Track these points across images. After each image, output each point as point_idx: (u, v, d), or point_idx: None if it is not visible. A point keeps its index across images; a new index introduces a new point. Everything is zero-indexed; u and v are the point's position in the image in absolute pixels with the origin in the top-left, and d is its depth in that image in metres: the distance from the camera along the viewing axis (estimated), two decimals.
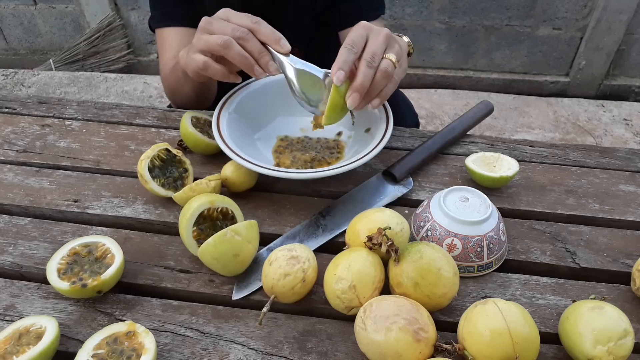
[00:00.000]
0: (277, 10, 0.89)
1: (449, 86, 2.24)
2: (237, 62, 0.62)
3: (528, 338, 0.44)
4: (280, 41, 0.62)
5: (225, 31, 0.61)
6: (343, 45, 0.59)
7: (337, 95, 0.59)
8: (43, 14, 2.35)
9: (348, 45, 0.58)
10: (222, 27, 0.61)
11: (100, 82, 2.23)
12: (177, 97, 0.87)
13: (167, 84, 0.85)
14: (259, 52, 0.62)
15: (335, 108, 0.60)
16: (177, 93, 0.85)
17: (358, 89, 0.58)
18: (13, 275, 0.59)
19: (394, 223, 0.55)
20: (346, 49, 0.58)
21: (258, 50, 0.62)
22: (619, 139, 1.92)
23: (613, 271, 0.59)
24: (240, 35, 0.61)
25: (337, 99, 0.59)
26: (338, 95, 0.59)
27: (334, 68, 0.58)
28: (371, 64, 0.58)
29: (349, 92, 0.59)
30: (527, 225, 0.64)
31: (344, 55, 0.58)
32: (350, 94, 0.59)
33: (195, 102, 0.84)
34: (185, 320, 0.53)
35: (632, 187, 0.70)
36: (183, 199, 0.62)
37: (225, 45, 0.60)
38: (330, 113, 0.61)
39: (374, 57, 0.58)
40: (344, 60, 0.58)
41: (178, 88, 0.82)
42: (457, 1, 2.05)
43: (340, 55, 0.58)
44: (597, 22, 1.99)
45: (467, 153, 0.75)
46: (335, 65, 0.58)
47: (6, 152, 0.75)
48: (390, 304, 0.46)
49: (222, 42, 0.60)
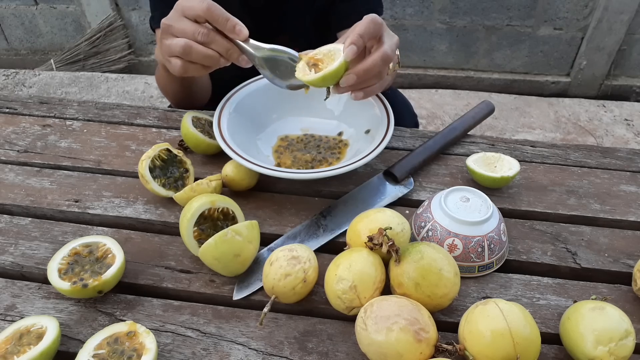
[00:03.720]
0: (276, 11, 0.89)
1: (449, 86, 2.23)
2: (202, 63, 0.61)
3: (529, 338, 0.44)
4: (236, 27, 0.59)
5: (185, 34, 0.59)
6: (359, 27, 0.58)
7: (342, 67, 0.58)
8: (44, 14, 2.35)
9: (364, 29, 0.57)
10: (183, 28, 0.59)
11: (101, 82, 2.23)
12: (167, 95, 0.87)
13: (157, 82, 0.86)
14: (226, 51, 0.61)
15: (331, 77, 0.59)
16: (166, 91, 0.86)
17: (360, 73, 0.58)
18: (14, 275, 0.59)
19: (395, 223, 0.55)
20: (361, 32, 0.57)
21: (225, 49, 0.61)
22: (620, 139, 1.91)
23: (614, 271, 0.59)
24: (202, 39, 0.59)
25: (340, 70, 0.58)
26: (343, 67, 0.58)
27: (348, 41, 0.57)
28: (385, 60, 0.58)
29: (349, 71, 0.58)
30: (528, 225, 0.64)
31: (358, 34, 0.57)
32: (350, 74, 0.58)
33: (186, 99, 0.85)
34: (186, 321, 0.53)
35: (633, 188, 0.70)
36: (184, 199, 0.62)
37: (185, 52, 0.59)
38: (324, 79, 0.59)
39: (388, 56, 0.58)
40: (358, 36, 0.57)
41: (164, 85, 0.83)
42: (458, 1, 2.04)
43: (355, 33, 0.57)
44: (598, 22, 1.99)
45: (468, 153, 0.75)
46: (349, 39, 0.57)
47: (7, 152, 0.75)
48: (391, 304, 0.46)
49: (182, 49, 0.59)
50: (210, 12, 0.58)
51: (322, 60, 0.60)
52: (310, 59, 0.61)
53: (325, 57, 0.60)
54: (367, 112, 0.74)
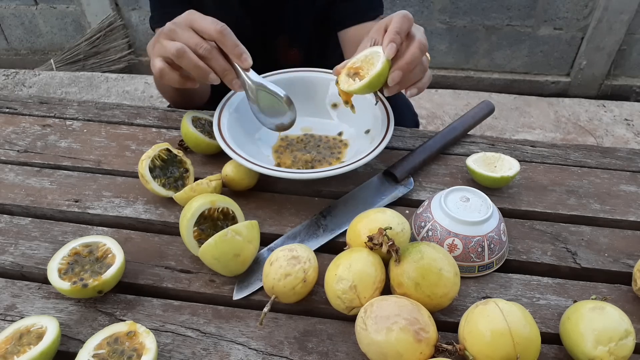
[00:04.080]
0: (276, 10, 0.89)
1: (449, 86, 2.23)
2: (191, 72, 0.61)
3: (529, 338, 0.44)
4: (242, 56, 0.60)
5: (188, 43, 0.59)
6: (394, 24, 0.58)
7: (386, 67, 0.58)
8: (44, 14, 2.35)
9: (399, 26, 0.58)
10: (186, 37, 0.59)
11: (101, 82, 2.23)
12: (164, 96, 0.87)
13: (155, 83, 0.86)
14: (222, 71, 0.61)
15: (378, 80, 0.58)
16: (163, 92, 0.86)
17: (403, 67, 0.58)
18: (14, 275, 0.59)
19: (395, 223, 0.55)
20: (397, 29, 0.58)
21: (222, 69, 0.61)
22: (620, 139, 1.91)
23: (614, 271, 0.59)
24: (203, 52, 0.59)
25: (385, 71, 0.58)
26: (387, 67, 0.58)
27: (386, 40, 0.57)
28: (422, 49, 0.59)
29: (393, 68, 0.58)
30: (528, 225, 0.64)
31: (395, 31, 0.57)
32: (394, 70, 0.58)
33: (182, 101, 0.85)
34: (186, 320, 0.53)
35: (633, 187, 0.70)
36: (184, 199, 0.62)
37: (178, 54, 0.59)
38: (371, 83, 0.59)
39: (423, 44, 0.59)
40: (395, 33, 0.57)
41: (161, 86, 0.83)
42: (458, 1, 2.04)
43: (392, 30, 0.57)
44: (598, 22, 1.99)
45: (468, 153, 0.75)
46: (387, 38, 0.57)
47: (7, 152, 0.75)
48: (391, 304, 0.46)
49: (176, 51, 0.59)
50: (223, 35, 0.59)
51: (362, 67, 0.61)
52: (349, 69, 0.61)
53: (363, 64, 0.60)
54: (367, 112, 0.74)
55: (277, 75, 0.79)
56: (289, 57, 0.94)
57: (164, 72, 0.62)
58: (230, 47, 0.60)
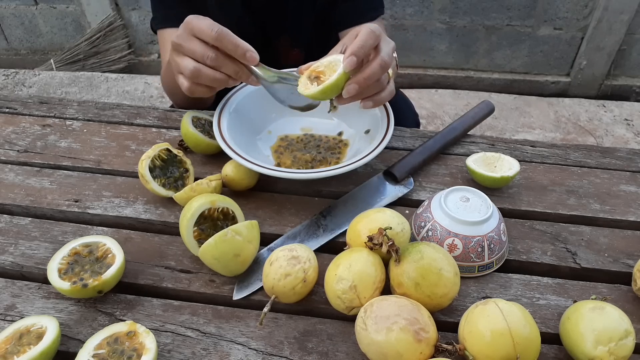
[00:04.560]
0: (278, 11, 0.89)
1: (449, 86, 2.23)
2: (211, 85, 0.62)
3: (529, 338, 0.44)
4: (246, 54, 0.60)
5: (195, 55, 0.59)
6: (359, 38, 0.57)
7: (342, 78, 0.58)
8: (44, 14, 2.35)
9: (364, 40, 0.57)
10: (192, 49, 0.59)
11: (101, 82, 2.23)
12: (174, 97, 0.87)
13: (164, 84, 0.86)
14: (235, 73, 0.61)
15: (331, 89, 0.59)
16: (173, 93, 0.85)
17: (360, 82, 0.58)
18: (14, 275, 0.59)
19: (395, 223, 0.55)
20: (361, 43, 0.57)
21: (234, 72, 0.61)
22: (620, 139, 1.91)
23: (614, 271, 0.59)
24: (211, 63, 0.59)
25: (340, 82, 0.58)
26: (343, 79, 0.58)
27: (348, 52, 0.57)
28: (383, 67, 0.58)
29: (349, 81, 0.58)
30: (527, 225, 0.64)
31: (359, 45, 0.57)
32: (351, 83, 0.58)
33: (192, 102, 0.85)
34: (185, 320, 0.53)
35: (633, 188, 0.70)
36: (184, 199, 0.62)
37: (194, 76, 0.60)
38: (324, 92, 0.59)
39: (385, 62, 0.58)
40: (359, 47, 0.57)
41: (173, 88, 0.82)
42: (458, 1, 2.04)
43: (356, 44, 0.57)
44: (598, 22, 1.99)
45: (467, 153, 0.75)
46: (349, 50, 0.57)
47: (7, 152, 0.75)
48: (391, 304, 0.46)
49: (190, 73, 0.60)
50: (219, 40, 0.58)
51: (324, 72, 0.60)
52: (311, 72, 0.61)
53: (326, 69, 0.60)
54: (367, 112, 0.74)
55: None
56: (290, 58, 0.94)
57: (192, 89, 0.63)
58: (231, 50, 0.59)
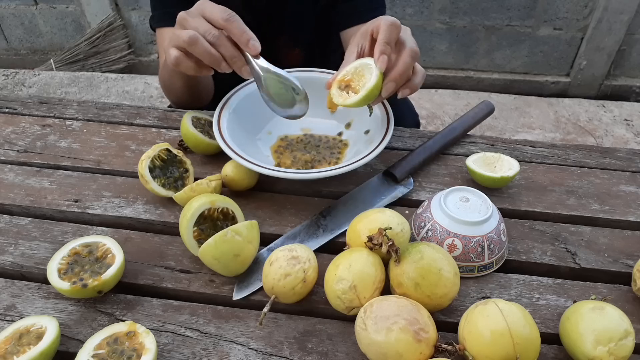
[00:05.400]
0: (278, 11, 0.89)
1: (449, 86, 2.23)
2: (204, 59, 0.61)
3: (529, 338, 0.44)
4: (249, 42, 0.60)
5: (197, 29, 0.60)
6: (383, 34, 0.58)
7: (380, 79, 0.59)
8: (44, 14, 2.35)
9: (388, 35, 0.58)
10: (197, 25, 0.60)
11: (101, 82, 2.23)
12: (170, 94, 0.87)
13: (160, 80, 0.86)
14: (231, 57, 0.61)
15: (373, 93, 0.59)
16: (169, 89, 0.85)
17: (397, 78, 0.59)
18: (14, 275, 0.59)
19: (395, 223, 0.55)
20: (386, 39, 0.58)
21: (230, 55, 0.61)
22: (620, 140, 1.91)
23: (614, 271, 0.59)
24: (212, 39, 0.59)
25: (379, 83, 0.59)
26: (381, 79, 0.59)
27: (377, 52, 0.58)
28: (414, 57, 0.60)
29: (386, 80, 0.59)
30: (527, 225, 0.64)
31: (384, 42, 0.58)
32: (388, 82, 0.59)
33: (189, 99, 0.84)
34: (185, 321, 0.53)
35: (632, 188, 0.70)
36: (184, 199, 0.62)
37: (191, 42, 0.59)
38: (368, 97, 0.60)
39: (415, 52, 0.60)
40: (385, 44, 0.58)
41: (169, 83, 0.82)
42: (458, 1, 2.04)
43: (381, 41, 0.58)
44: (598, 22, 1.99)
45: (467, 153, 0.75)
46: (377, 50, 0.58)
47: (7, 152, 0.75)
48: (391, 304, 0.46)
49: (188, 38, 0.59)
50: (229, 23, 0.59)
51: (352, 79, 0.61)
52: (341, 82, 0.62)
53: (354, 76, 0.61)
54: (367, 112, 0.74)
55: None
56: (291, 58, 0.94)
57: (179, 60, 0.62)
58: (237, 35, 0.60)
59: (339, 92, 0.62)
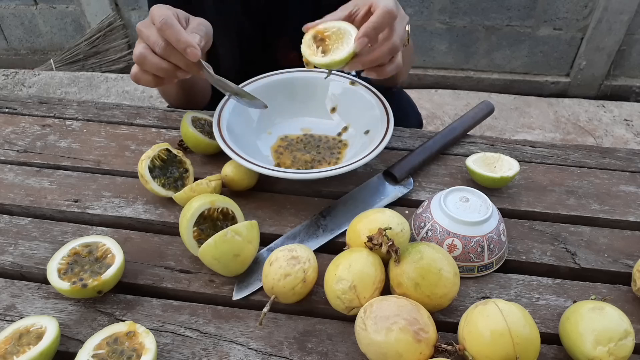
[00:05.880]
0: (278, 12, 0.89)
1: (449, 86, 2.23)
2: (157, 73, 0.59)
3: (528, 338, 0.44)
4: (187, 50, 0.56)
5: (148, 41, 0.57)
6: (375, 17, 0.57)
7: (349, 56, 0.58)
8: (44, 14, 2.35)
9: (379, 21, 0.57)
10: (148, 35, 0.57)
11: (100, 82, 2.23)
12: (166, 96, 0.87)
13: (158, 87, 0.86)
14: (186, 66, 0.59)
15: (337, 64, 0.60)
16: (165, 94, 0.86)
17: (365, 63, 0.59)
18: (13, 275, 0.59)
19: (395, 223, 0.55)
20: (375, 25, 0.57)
21: (184, 64, 0.59)
22: (620, 140, 1.92)
23: (614, 272, 0.59)
24: (159, 51, 0.57)
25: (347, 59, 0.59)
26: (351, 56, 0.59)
27: (361, 32, 0.57)
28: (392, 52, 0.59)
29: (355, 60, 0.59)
30: (527, 225, 0.64)
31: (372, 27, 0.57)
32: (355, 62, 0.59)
33: (186, 101, 0.84)
34: (185, 321, 0.53)
35: (632, 188, 0.70)
36: (183, 199, 0.62)
37: (139, 61, 0.58)
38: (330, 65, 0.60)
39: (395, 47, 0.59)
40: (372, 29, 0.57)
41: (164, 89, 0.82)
42: (458, 1, 2.04)
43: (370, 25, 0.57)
44: (598, 22, 1.99)
45: (467, 153, 0.75)
46: (362, 30, 0.57)
47: (7, 152, 0.75)
48: (391, 305, 0.46)
49: (136, 58, 0.58)
50: (162, 31, 0.56)
51: (330, 37, 0.61)
52: (318, 32, 0.61)
53: (333, 35, 0.61)
54: (367, 112, 0.74)
55: (277, 76, 0.80)
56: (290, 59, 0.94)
57: (137, 76, 0.60)
58: (173, 43, 0.56)
59: (311, 42, 0.61)
